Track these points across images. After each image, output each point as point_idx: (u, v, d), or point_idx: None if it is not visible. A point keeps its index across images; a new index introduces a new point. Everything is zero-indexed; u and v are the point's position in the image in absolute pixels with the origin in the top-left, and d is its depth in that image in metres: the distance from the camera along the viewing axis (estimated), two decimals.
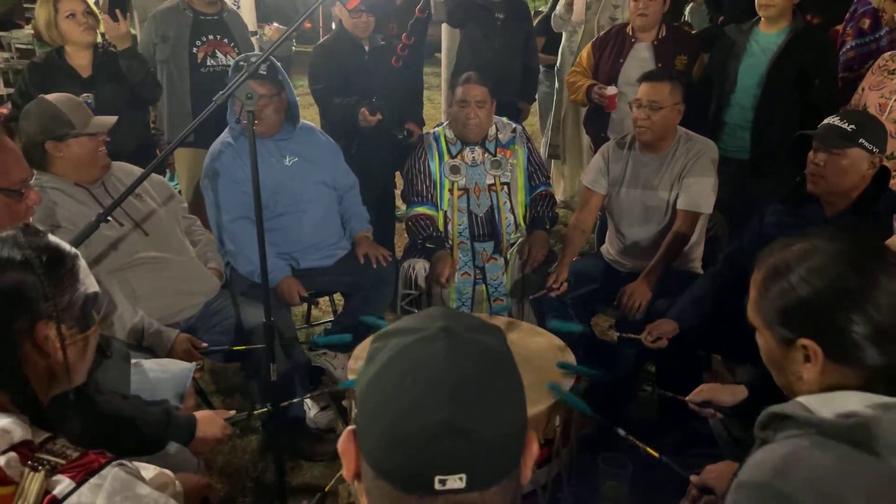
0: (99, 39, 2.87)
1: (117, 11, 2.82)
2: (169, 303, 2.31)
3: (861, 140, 2.02)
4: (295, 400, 2.19)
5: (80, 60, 2.82)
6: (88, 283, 1.11)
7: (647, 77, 2.64)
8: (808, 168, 2.12)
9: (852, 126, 2.03)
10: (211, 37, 3.12)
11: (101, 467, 0.94)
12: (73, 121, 2.11)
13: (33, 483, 0.89)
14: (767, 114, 2.91)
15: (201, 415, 1.69)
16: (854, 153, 2.03)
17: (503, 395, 0.67)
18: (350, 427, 0.72)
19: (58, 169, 2.15)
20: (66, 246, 1.11)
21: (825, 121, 2.11)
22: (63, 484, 0.91)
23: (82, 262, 1.12)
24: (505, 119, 2.98)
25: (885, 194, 2.09)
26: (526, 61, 3.91)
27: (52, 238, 1.10)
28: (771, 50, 2.94)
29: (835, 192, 2.10)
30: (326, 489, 1.83)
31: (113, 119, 2.22)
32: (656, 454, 1.73)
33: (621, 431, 1.84)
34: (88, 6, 2.78)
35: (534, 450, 0.71)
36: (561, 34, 4.26)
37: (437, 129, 2.97)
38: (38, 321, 1.03)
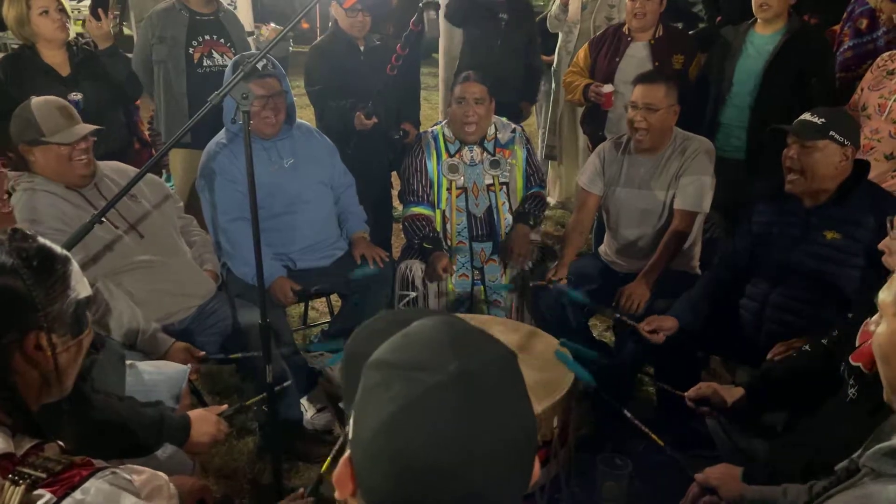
0: (71, 37, 2.84)
1: (99, 11, 2.80)
2: (164, 305, 2.30)
3: (832, 133, 2.07)
4: (286, 383, 2.13)
5: (56, 58, 2.79)
6: (80, 287, 1.09)
7: (641, 79, 2.63)
8: (784, 163, 2.16)
9: (822, 119, 2.10)
10: (207, 37, 3.11)
11: (84, 480, 0.92)
12: (42, 127, 2.09)
13: (14, 497, 0.87)
14: (764, 114, 2.90)
15: (195, 414, 1.68)
16: (826, 146, 2.08)
17: (520, 446, 0.65)
18: (347, 457, 0.68)
19: (37, 170, 2.13)
20: (57, 249, 1.08)
21: (798, 118, 2.16)
22: (44, 499, 0.89)
23: (74, 266, 1.09)
24: (504, 119, 2.97)
25: (861, 185, 2.13)
26: (528, 61, 3.89)
27: (42, 242, 1.06)
28: (767, 51, 2.94)
29: (812, 187, 2.13)
30: (322, 469, 1.82)
31: (88, 128, 2.18)
32: (661, 442, 1.74)
33: (627, 413, 1.85)
34: (61, 3, 2.75)
35: (535, 471, 0.70)
36: (557, 34, 4.25)
37: (435, 127, 2.96)
38: (28, 332, 1.00)
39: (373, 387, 0.65)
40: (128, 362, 1.90)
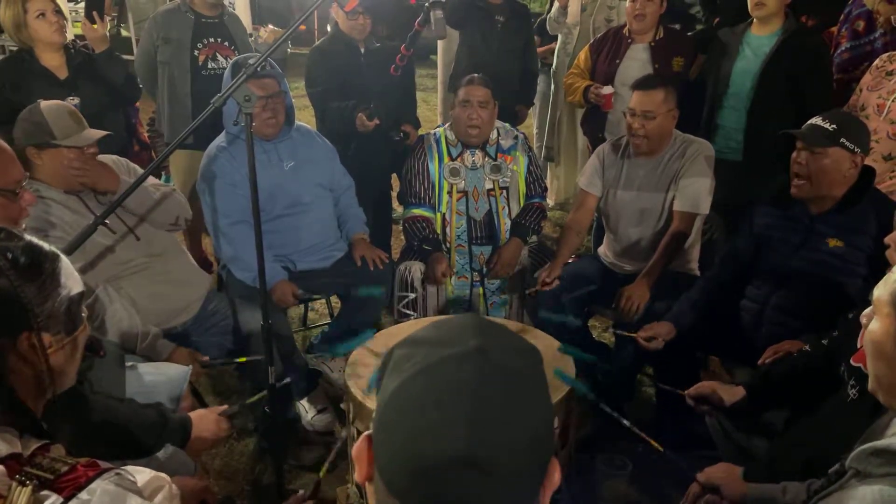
0: (69, 39, 2.84)
1: (94, 14, 2.80)
2: (166, 306, 2.30)
3: (842, 140, 2.06)
4: (287, 380, 2.13)
5: (53, 61, 2.78)
6: (71, 284, 1.06)
7: (639, 85, 2.62)
8: (791, 168, 2.15)
9: (834, 126, 2.08)
10: (212, 39, 3.12)
11: (90, 481, 0.92)
12: (54, 131, 2.07)
13: (21, 498, 0.87)
14: (761, 116, 2.91)
15: (196, 414, 1.68)
16: (835, 153, 2.07)
17: (529, 428, 0.64)
18: (368, 433, 0.69)
19: (39, 175, 2.12)
20: (45, 247, 1.05)
21: (809, 121, 2.15)
22: (51, 500, 0.89)
23: (63, 263, 1.07)
24: (508, 125, 2.98)
25: (868, 192, 2.13)
26: (525, 65, 3.89)
27: (29, 240, 1.04)
28: (763, 52, 2.94)
29: (818, 194, 2.12)
30: (321, 474, 1.82)
31: (99, 133, 2.18)
32: (660, 447, 1.73)
33: (626, 422, 1.84)
34: (57, 5, 2.74)
35: (555, 479, 0.68)
36: (555, 34, 4.27)
37: (437, 129, 2.97)
38: (20, 333, 0.99)
39: (398, 360, 0.68)
40: (128, 364, 1.90)
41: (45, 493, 0.89)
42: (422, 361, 0.65)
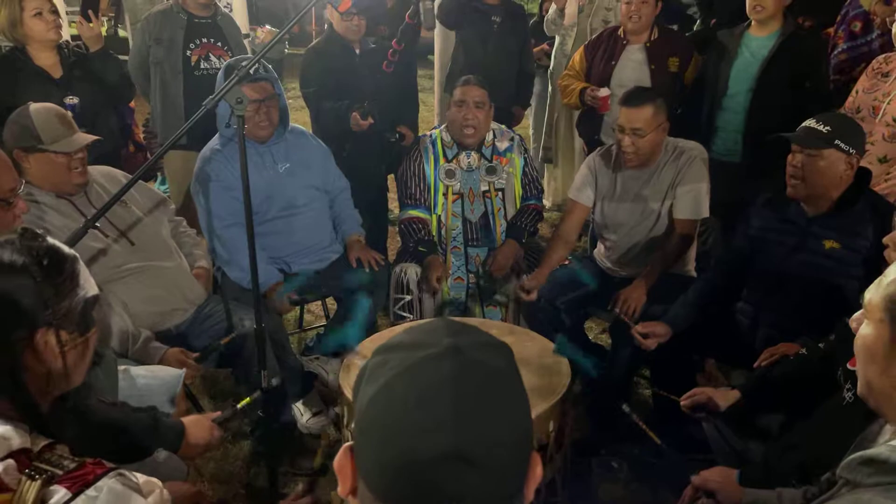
0: (63, 39, 2.83)
1: (90, 12, 2.79)
2: (159, 310, 2.29)
3: (837, 141, 2.05)
4: (274, 381, 2.11)
5: (47, 60, 2.77)
6: (88, 286, 1.11)
7: (626, 101, 2.52)
8: (787, 170, 2.14)
9: (828, 128, 2.07)
10: (204, 40, 3.11)
11: (97, 479, 0.94)
12: (41, 135, 2.05)
13: (30, 491, 0.89)
14: (760, 117, 2.90)
15: (189, 419, 1.67)
16: (830, 154, 2.06)
17: (510, 420, 0.66)
18: (347, 444, 0.70)
19: (29, 178, 2.09)
20: (66, 249, 1.10)
21: (803, 123, 2.14)
22: (59, 494, 0.90)
23: (82, 265, 1.12)
24: (504, 127, 2.97)
25: (864, 194, 2.12)
26: (521, 66, 3.88)
27: (52, 242, 1.08)
28: (762, 54, 2.94)
29: (813, 194, 2.12)
30: (315, 466, 1.81)
31: (88, 138, 2.15)
32: (658, 440, 1.73)
33: (626, 408, 1.84)
34: (53, 4, 2.73)
35: (538, 472, 0.70)
36: (553, 37, 4.26)
37: (433, 131, 2.96)
38: (37, 329, 1.02)
39: (373, 367, 0.69)
40: (121, 367, 1.89)
41: (53, 487, 0.91)
42: (398, 365, 0.66)
